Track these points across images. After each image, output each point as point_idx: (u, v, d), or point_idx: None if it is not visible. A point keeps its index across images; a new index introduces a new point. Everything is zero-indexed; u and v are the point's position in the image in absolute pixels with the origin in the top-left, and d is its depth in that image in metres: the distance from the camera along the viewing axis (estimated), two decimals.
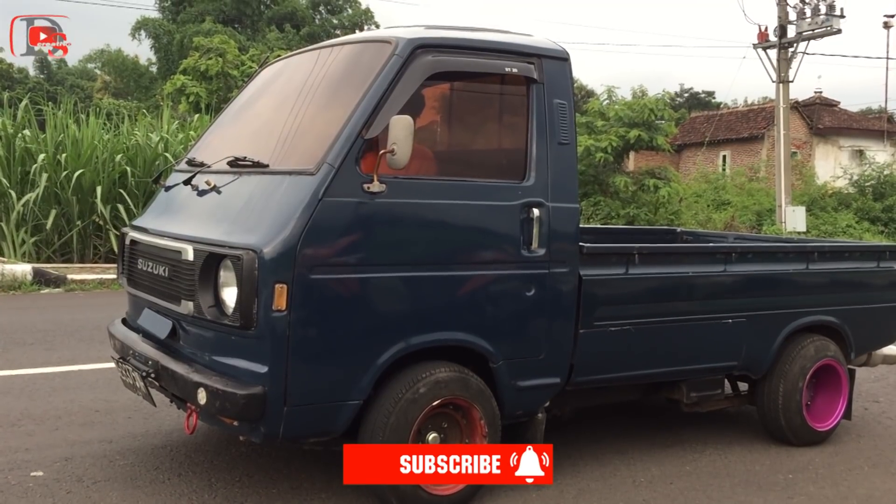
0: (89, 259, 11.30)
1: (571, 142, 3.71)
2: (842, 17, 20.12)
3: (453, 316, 3.42)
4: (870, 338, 4.99)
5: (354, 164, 3.15)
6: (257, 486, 3.68)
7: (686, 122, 32.61)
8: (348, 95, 3.31)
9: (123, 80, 42.91)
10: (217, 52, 24.41)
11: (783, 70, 20.87)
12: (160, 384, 3.40)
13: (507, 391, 3.56)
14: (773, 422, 4.58)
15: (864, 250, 5.11)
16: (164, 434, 4.34)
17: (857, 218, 22.01)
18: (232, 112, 4.27)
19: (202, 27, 35.37)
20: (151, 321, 3.67)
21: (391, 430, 3.25)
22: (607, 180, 18.97)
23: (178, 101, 23.02)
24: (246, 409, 3.03)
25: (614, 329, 3.87)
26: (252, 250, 3.01)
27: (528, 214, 3.53)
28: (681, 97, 47.66)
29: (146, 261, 3.68)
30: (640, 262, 3.95)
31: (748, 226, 20.84)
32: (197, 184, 3.62)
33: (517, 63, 3.61)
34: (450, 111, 4.12)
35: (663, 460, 4.26)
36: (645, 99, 19.03)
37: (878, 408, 5.57)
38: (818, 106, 30.50)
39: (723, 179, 25.83)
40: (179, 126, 13.69)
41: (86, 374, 5.57)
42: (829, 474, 4.20)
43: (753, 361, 4.44)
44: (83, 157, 11.34)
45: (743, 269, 4.35)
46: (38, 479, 3.68)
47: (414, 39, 3.37)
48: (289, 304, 3.02)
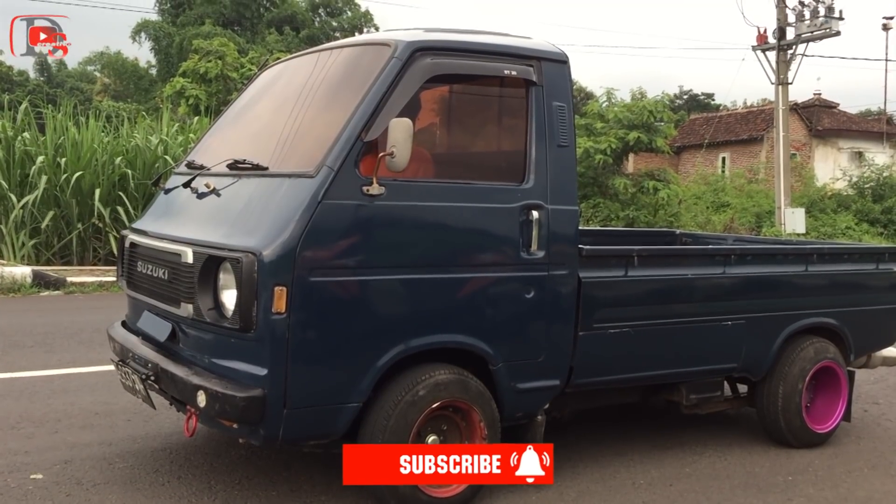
0: (89, 261, 11.29)
1: (570, 144, 3.72)
2: (841, 19, 20.15)
3: (453, 318, 3.42)
4: (869, 339, 4.99)
5: (354, 166, 3.15)
6: (257, 488, 3.68)
7: (685, 123, 32.63)
8: (348, 98, 3.31)
9: (123, 82, 42.94)
10: (216, 55, 24.44)
11: (782, 72, 20.88)
12: (160, 387, 3.40)
13: (506, 393, 3.56)
14: (772, 424, 4.58)
15: (863, 252, 5.11)
16: (164, 437, 4.34)
17: (856, 220, 22.01)
18: (231, 115, 4.27)
19: (202, 30, 35.40)
20: (151, 324, 3.67)
21: (391, 432, 3.25)
22: (606, 182, 18.97)
23: (177, 103, 23.05)
24: (245, 411, 3.04)
25: (614, 331, 3.87)
26: (251, 253, 3.01)
27: (527, 217, 3.53)
28: (680, 99, 47.69)
29: (146, 263, 3.68)
30: (639, 265, 3.96)
31: (747, 228, 20.84)
32: (196, 186, 3.62)
33: (516, 66, 3.61)
34: (449, 114, 4.13)
35: (663, 462, 4.26)
36: (644, 101, 19.05)
37: (877, 410, 5.57)
38: (817, 108, 30.51)
39: (722, 181, 25.82)
40: (179, 128, 13.69)
41: (85, 376, 5.57)
42: (829, 476, 4.20)
43: (753, 363, 4.44)
44: (83, 160, 11.35)
45: (742, 271, 4.35)
46: (37, 481, 3.68)
47: (413, 42, 3.37)
48: (288, 306, 3.02)
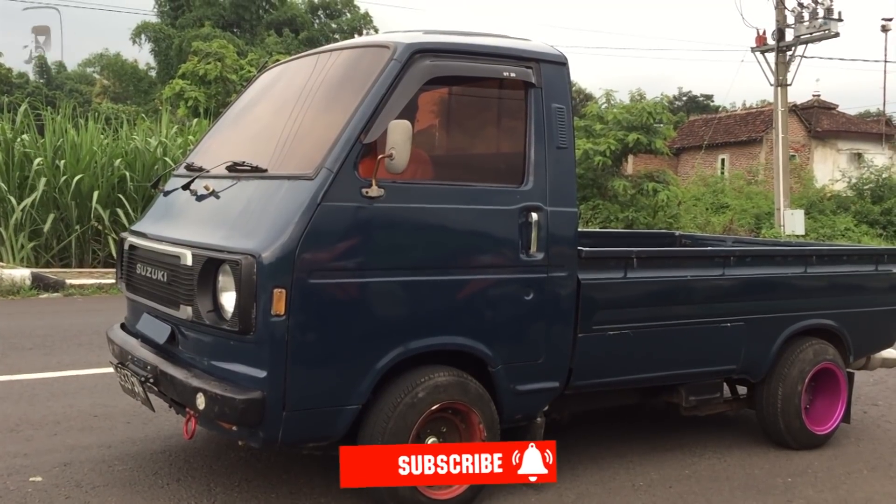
0: (88, 264, 11.28)
1: (570, 146, 3.72)
2: (839, 21, 20.15)
3: (452, 320, 3.42)
4: (868, 341, 4.99)
5: (353, 168, 3.15)
6: (256, 490, 3.68)
7: (684, 125, 32.64)
8: (347, 100, 3.32)
9: (122, 84, 42.91)
10: (216, 57, 24.42)
11: (781, 73, 20.90)
12: (159, 389, 3.40)
13: (505, 395, 3.56)
14: (772, 425, 4.58)
15: (862, 253, 5.12)
16: (163, 439, 4.34)
17: (855, 221, 22.01)
18: (231, 117, 4.27)
19: (201, 32, 35.39)
20: (150, 326, 3.66)
21: (390, 434, 3.25)
22: (606, 184, 18.97)
23: (176, 105, 23.03)
24: (245, 413, 3.03)
25: (613, 333, 3.87)
26: (251, 255, 3.01)
27: (526, 218, 3.53)
28: (679, 100, 47.70)
29: (145, 266, 3.68)
30: (638, 266, 3.96)
31: (747, 229, 20.85)
32: (195, 188, 3.62)
33: (515, 67, 3.61)
34: (448, 115, 4.13)
35: (662, 464, 4.26)
36: (643, 102, 19.04)
37: (877, 411, 5.57)
38: (816, 109, 30.53)
39: (721, 183, 25.84)
40: (178, 130, 13.67)
41: (84, 379, 5.56)
42: (828, 478, 4.20)
43: (752, 365, 4.44)
44: (82, 162, 11.34)
45: (741, 273, 4.36)
46: (36, 484, 3.68)
47: (412, 44, 3.38)
48: (287, 308, 3.02)
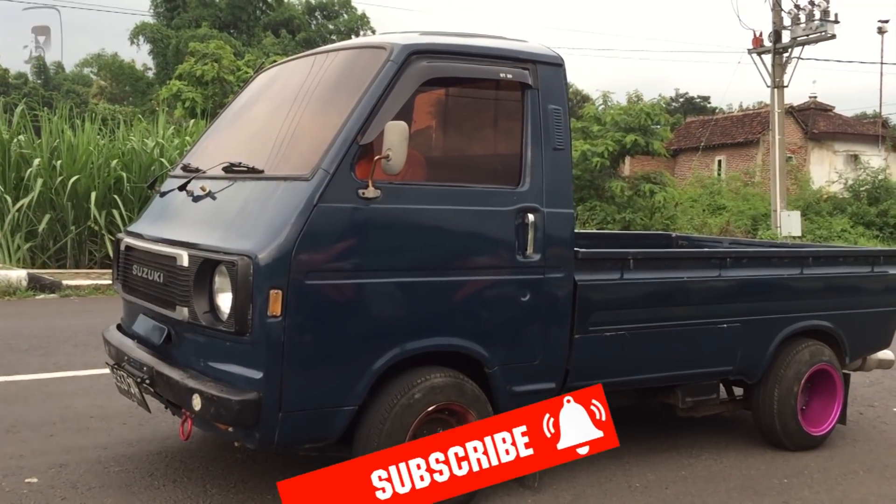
0: (84, 265, 11.26)
1: (566, 147, 3.72)
2: (836, 23, 20.18)
3: (448, 321, 3.42)
4: (864, 342, 5.00)
5: (349, 169, 3.15)
6: (252, 492, 3.68)
7: (682, 127, 32.70)
8: (343, 101, 3.32)
9: (119, 84, 42.88)
10: (213, 58, 24.37)
11: (778, 75, 20.92)
12: (155, 390, 3.40)
13: (502, 396, 3.56)
14: (768, 426, 4.58)
15: (858, 255, 5.12)
16: (160, 440, 4.33)
17: (852, 222, 22.04)
18: (227, 117, 4.27)
19: (198, 32, 35.38)
20: (146, 327, 3.66)
21: (386, 435, 3.25)
22: (603, 185, 19.00)
23: (173, 106, 22.98)
24: (241, 414, 3.03)
25: (609, 334, 3.88)
26: (247, 256, 3.01)
27: (523, 220, 3.53)
28: (676, 102, 47.77)
29: (141, 267, 3.68)
30: (635, 268, 3.96)
31: (743, 230, 20.86)
32: (192, 189, 3.62)
33: (512, 69, 3.62)
34: (445, 117, 4.13)
35: (659, 465, 4.26)
36: (640, 104, 19.08)
37: (873, 412, 5.58)
38: (813, 111, 30.60)
39: (718, 184, 25.87)
40: (175, 131, 13.66)
41: (81, 380, 5.55)
42: (825, 479, 4.21)
43: (748, 366, 4.45)
44: (78, 163, 11.32)
45: (738, 274, 4.36)
46: (32, 485, 3.67)
47: (409, 45, 3.38)
48: (284, 309, 3.02)
